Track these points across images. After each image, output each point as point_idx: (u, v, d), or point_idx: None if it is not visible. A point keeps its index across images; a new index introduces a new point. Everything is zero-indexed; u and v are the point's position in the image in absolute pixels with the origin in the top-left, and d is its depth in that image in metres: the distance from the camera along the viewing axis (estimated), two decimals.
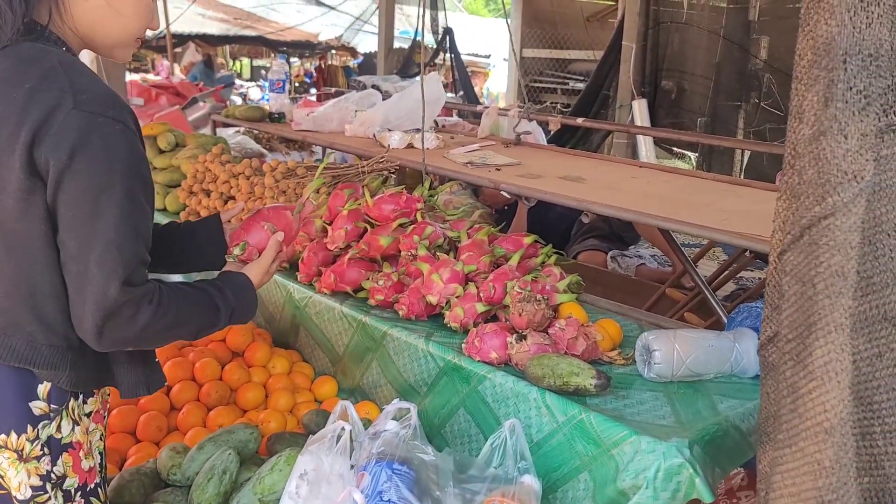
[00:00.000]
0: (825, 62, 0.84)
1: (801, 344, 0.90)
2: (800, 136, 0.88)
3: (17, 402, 1.13)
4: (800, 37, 0.89)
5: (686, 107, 5.96)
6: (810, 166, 0.87)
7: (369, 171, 2.32)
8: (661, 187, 2.42)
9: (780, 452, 0.93)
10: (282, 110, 3.63)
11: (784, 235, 0.94)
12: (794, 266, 0.92)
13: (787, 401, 0.92)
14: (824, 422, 0.86)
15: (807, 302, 0.89)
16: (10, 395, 1.13)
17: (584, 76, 7.68)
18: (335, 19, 10.46)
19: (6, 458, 1.15)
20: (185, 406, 1.90)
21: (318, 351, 2.11)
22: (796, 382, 0.90)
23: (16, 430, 1.14)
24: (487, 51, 12.23)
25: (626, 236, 3.88)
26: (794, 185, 0.91)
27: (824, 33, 0.83)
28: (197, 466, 1.57)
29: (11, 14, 1.05)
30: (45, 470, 1.16)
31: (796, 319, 0.91)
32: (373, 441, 1.41)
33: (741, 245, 1.99)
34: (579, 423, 1.44)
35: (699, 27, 5.76)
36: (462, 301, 1.77)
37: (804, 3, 0.87)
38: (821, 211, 0.87)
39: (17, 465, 1.14)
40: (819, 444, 0.86)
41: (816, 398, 0.87)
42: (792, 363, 0.92)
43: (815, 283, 0.88)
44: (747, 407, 1.49)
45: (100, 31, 1.15)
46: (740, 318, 1.86)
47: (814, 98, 0.86)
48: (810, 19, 0.85)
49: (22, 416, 1.14)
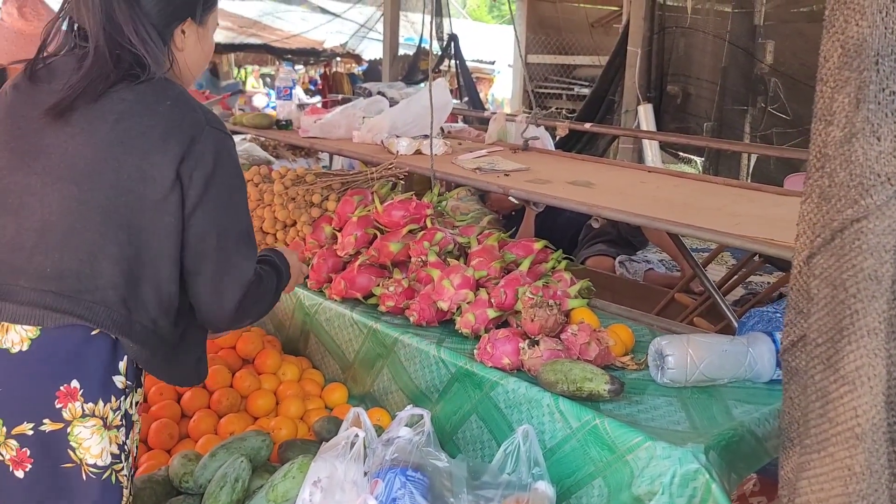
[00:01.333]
0: (856, 63, 0.83)
1: (832, 348, 0.88)
2: (830, 139, 0.87)
3: (105, 375, 1.24)
4: (825, 38, 0.88)
5: (692, 111, 5.96)
6: (842, 169, 0.86)
7: (378, 177, 2.32)
8: (671, 192, 2.41)
9: (808, 457, 0.91)
10: (289, 117, 3.63)
11: (813, 238, 0.93)
12: (825, 269, 0.91)
13: (816, 405, 0.91)
14: (855, 427, 0.85)
15: (838, 306, 0.88)
16: (101, 367, 1.23)
17: (589, 82, 7.69)
18: (340, 27, 10.48)
19: (91, 426, 1.22)
20: (196, 413, 1.90)
21: (328, 358, 2.10)
22: (827, 387, 0.89)
23: (103, 399, 1.23)
24: (492, 57, 12.24)
25: (634, 240, 3.87)
26: (825, 187, 0.89)
27: (855, 34, 0.82)
28: (209, 474, 1.56)
29: (159, 58, 1.30)
30: (122, 440, 1.27)
31: (826, 323, 0.90)
32: (386, 448, 1.41)
33: (754, 249, 1.98)
34: (593, 429, 1.44)
35: (704, 32, 5.76)
36: (473, 307, 1.77)
37: (829, 4, 0.86)
38: (853, 214, 0.86)
39: (101, 431, 1.23)
40: (850, 450, 0.85)
41: (847, 403, 0.86)
42: (822, 367, 0.90)
43: (846, 287, 0.87)
44: (763, 412, 1.49)
45: (195, 70, 1.41)
46: (752, 322, 1.85)
47: (844, 100, 0.85)
48: (837, 20, 0.84)
49: (109, 387, 1.24)
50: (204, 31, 1.38)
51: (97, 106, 1.23)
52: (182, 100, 1.29)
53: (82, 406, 1.21)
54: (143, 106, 1.25)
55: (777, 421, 1.49)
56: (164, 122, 1.24)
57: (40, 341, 1.20)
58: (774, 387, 1.59)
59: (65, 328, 1.21)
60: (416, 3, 8.63)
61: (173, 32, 1.32)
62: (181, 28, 1.33)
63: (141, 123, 1.24)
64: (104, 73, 1.23)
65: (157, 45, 1.28)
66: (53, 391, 1.20)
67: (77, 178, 1.22)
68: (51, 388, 1.20)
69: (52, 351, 1.21)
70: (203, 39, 1.39)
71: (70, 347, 1.21)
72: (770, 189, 2.52)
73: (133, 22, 1.25)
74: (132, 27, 1.24)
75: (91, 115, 1.23)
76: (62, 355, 1.21)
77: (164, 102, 1.27)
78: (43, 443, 1.20)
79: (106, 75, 1.23)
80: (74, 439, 1.21)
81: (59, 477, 1.21)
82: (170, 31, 1.31)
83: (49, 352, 1.21)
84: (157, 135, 1.23)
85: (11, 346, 1.20)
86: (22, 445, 1.19)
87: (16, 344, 1.20)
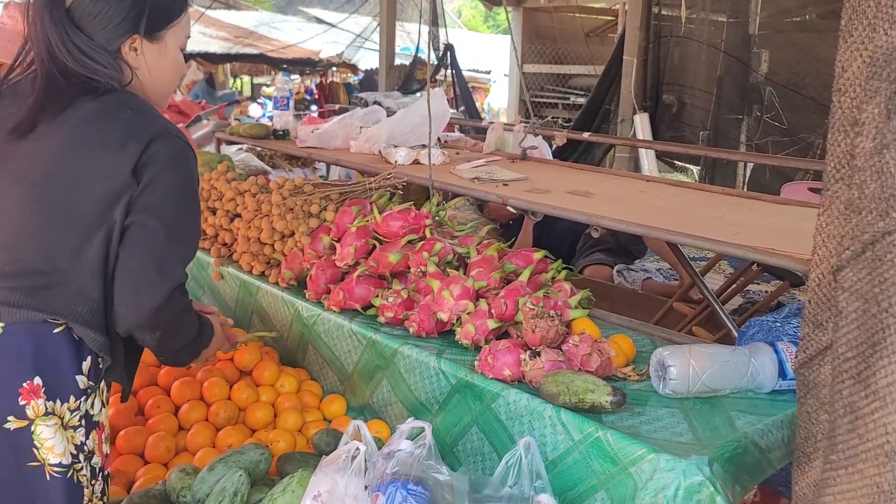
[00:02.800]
0: (886, 73, 0.81)
1: (864, 363, 0.87)
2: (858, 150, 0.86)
3: (66, 373, 1.27)
4: (842, 48, 0.86)
5: (687, 120, 5.97)
6: (872, 180, 0.84)
7: (377, 187, 2.31)
8: (670, 201, 2.41)
9: (834, 473, 0.90)
10: (286, 127, 3.62)
11: (840, 251, 0.91)
12: (854, 283, 0.89)
13: (844, 420, 0.89)
14: (885, 444, 0.83)
15: (870, 320, 0.86)
16: (63, 365, 1.27)
17: (585, 91, 7.69)
18: (336, 37, 10.50)
19: (52, 425, 1.24)
20: (194, 426, 1.88)
21: (326, 369, 2.09)
22: (856, 402, 0.87)
23: (61, 398, 1.26)
24: (488, 66, 12.27)
25: (633, 249, 3.87)
26: (853, 199, 0.88)
27: (884, 44, 0.80)
28: (207, 488, 1.54)
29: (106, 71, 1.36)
30: (80, 441, 1.29)
31: (857, 337, 0.88)
32: (387, 461, 1.39)
33: (756, 259, 1.97)
34: (596, 441, 1.42)
35: (699, 41, 5.77)
36: (473, 318, 1.75)
37: (845, 14, 0.85)
38: (885, 226, 0.84)
39: (60, 430, 1.25)
40: (879, 467, 0.83)
41: (878, 419, 0.84)
42: (851, 382, 0.89)
43: (878, 301, 0.85)
44: (766, 423, 1.48)
45: (162, 85, 1.47)
46: (752, 331, 1.84)
47: (874, 110, 0.84)
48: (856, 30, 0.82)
49: (69, 386, 1.27)
50: (161, 46, 1.43)
51: (61, 115, 1.31)
52: (144, 110, 1.37)
53: (45, 403, 1.24)
54: (103, 113, 1.33)
55: (781, 432, 1.48)
56: (123, 128, 1.32)
57: (3, 338, 1.24)
58: (777, 397, 1.58)
59: (28, 325, 1.25)
60: (411, 13, 8.65)
61: (119, 48, 1.38)
62: (129, 45, 1.39)
63: (101, 128, 1.31)
64: (57, 89, 1.31)
65: (103, 60, 1.35)
66: (17, 388, 1.22)
67: (35, 178, 1.29)
68: (14, 384, 1.23)
69: (15, 347, 1.24)
70: (163, 55, 1.44)
71: (33, 344, 1.26)
72: (768, 198, 2.52)
73: (67, 41, 1.32)
74: (66, 47, 1.32)
75: (55, 122, 1.31)
76: (25, 351, 1.24)
77: (125, 111, 1.34)
78: (9, 441, 1.22)
79: (59, 90, 1.31)
80: (38, 438, 1.23)
81: (24, 475, 1.23)
82: (115, 47, 1.38)
83: (12, 348, 1.24)
84: (116, 139, 1.30)
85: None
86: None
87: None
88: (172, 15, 1.44)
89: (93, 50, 1.34)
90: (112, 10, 1.36)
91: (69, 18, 1.34)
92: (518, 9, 8.27)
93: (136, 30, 1.39)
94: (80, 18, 1.35)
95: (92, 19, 1.35)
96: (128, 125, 1.32)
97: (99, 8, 1.35)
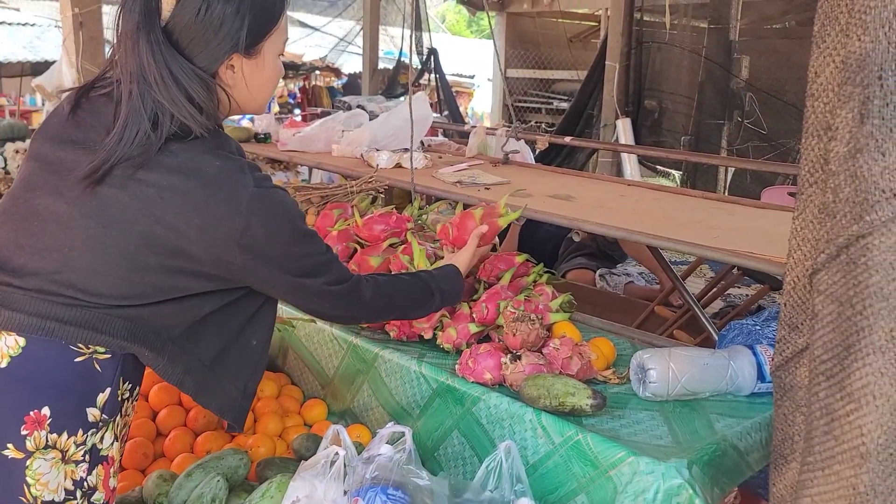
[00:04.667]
0: (859, 78, 0.82)
1: (839, 365, 0.88)
2: (833, 154, 0.86)
3: (78, 405, 1.18)
4: (815, 54, 0.87)
5: (668, 126, 6.01)
6: (846, 184, 0.85)
7: (358, 190, 2.30)
8: (651, 205, 2.42)
9: (811, 475, 0.90)
10: (267, 130, 3.61)
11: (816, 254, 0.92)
12: (830, 286, 0.90)
13: (820, 422, 0.90)
14: (860, 446, 0.83)
15: (844, 322, 0.87)
16: (76, 397, 1.18)
17: (568, 96, 7.74)
18: (319, 40, 10.47)
19: (50, 459, 1.16)
20: (172, 432, 1.85)
21: (307, 374, 2.07)
22: (832, 404, 0.88)
23: (69, 431, 1.17)
24: (471, 71, 12.30)
25: (614, 254, 3.89)
26: (828, 203, 0.88)
27: (857, 49, 0.81)
28: (185, 494, 1.52)
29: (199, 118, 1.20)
30: (80, 476, 1.19)
31: (832, 340, 0.89)
32: (367, 466, 1.38)
33: (736, 263, 1.99)
34: (576, 444, 1.42)
35: (681, 47, 5.83)
36: (454, 321, 1.75)
37: (818, 21, 0.86)
38: (858, 230, 0.85)
39: (59, 465, 1.16)
40: (855, 469, 0.84)
41: (853, 421, 0.85)
42: (827, 384, 0.89)
43: (853, 304, 0.86)
44: (744, 425, 1.48)
45: (259, 97, 1.33)
46: (731, 335, 1.85)
47: (848, 115, 0.84)
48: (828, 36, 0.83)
49: (78, 418, 1.18)
50: (258, 60, 1.27)
51: (143, 167, 1.17)
52: (230, 161, 1.22)
53: (47, 436, 1.15)
54: (192, 165, 1.18)
55: (759, 434, 1.49)
56: (210, 187, 1.18)
57: (20, 359, 1.15)
58: (756, 400, 1.59)
59: (49, 347, 1.16)
60: (395, 18, 8.66)
61: (217, 72, 1.23)
62: (226, 64, 1.23)
63: (186, 183, 1.17)
64: (140, 141, 1.16)
65: (199, 96, 1.19)
66: (22, 415, 1.14)
67: (107, 220, 1.17)
68: (21, 411, 1.14)
69: (31, 371, 1.15)
70: (261, 68, 1.28)
71: (49, 370, 1.16)
72: (748, 202, 2.54)
73: (165, 73, 1.16)
74: (164, 81, 1.16)
75: (135, 174, 1.17)
76: (39, 377, 1.15)
77: (213, 163, 1.20)
78: (5, 468, 1.14)
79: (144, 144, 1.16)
80: (32, 475, 1.15)
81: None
82: (214, 69, 1.22)
83: (27, 372, 1.15)
84: (200, 198, 1.17)
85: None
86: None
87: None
88: (273, 21, 1.26)
89: (191, 82, 1.18)
90: (217, 27, 1.19)
91: (166, 39, 1.17)
92: (501, 14, 8.31)
93: (236, 48, 1.21)
94: (178, 39, 1.18)
95: (193, 39, 1.18)
96: (215, 184, 1.18)
97: (205, 24, 1.18)
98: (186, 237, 1.17)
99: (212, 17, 1.18)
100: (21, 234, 1.21)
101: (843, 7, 0.81)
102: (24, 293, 1.17)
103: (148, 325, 1.21)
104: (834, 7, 0.82)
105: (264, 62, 1.28)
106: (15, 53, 9.18)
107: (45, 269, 1.18)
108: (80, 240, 1.17)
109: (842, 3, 0.81)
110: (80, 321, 1.16)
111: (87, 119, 1.23)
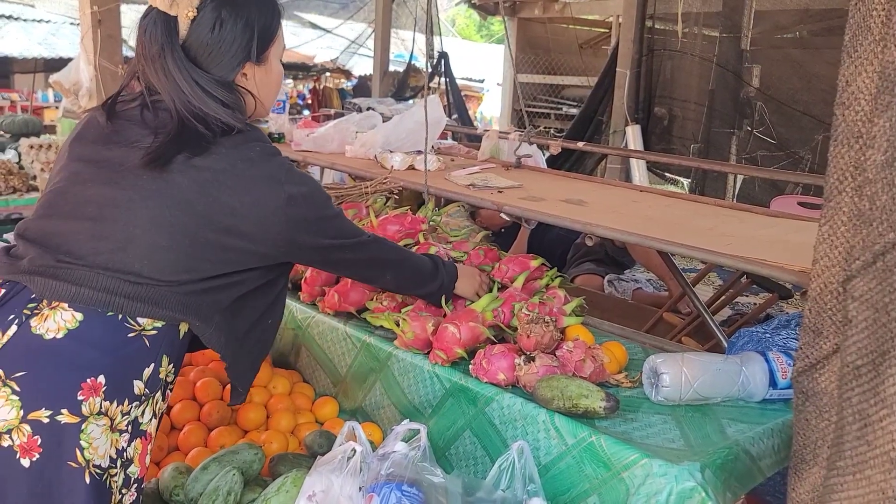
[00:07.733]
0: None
1: (874, 371, 0.88)
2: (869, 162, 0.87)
3: (127, 376, 1.26)
4: (846, 63, 0.88)
5: (678, 133, 6.01)
6: (883, 192, 0.86)
7: (373, 191, 2.32)
8: (663, 211, 2.43)
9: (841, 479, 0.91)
10: (281, 130, 3.63)
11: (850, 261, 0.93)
12: (865, 292, 0.90)
13: (853, 427, 0.90)
14: (892, 451, 0.84)
15: (880, 329, 0.87)
16: (127, 368, 1.26)
17: (577, 102, 7.75)
18: (331, 42, 10.52)
19: (101, 425, 1.22)
20: (186, 426, 1.87)
21: (319, 371, 2.09)
22: (866, 409, 0.88)
23: (118, 400, 1.24)
24: (481, 75, 12.32)
25: (622, 260, 3.89)
26: (864, 210, 0.89)
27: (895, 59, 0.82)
28: (201, 487, 1.54)
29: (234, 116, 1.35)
30: (122, 446, 1.26)
31: (867, 346, 0.89)
32: (382, 462, 1.40)
33: (747, 270, 1.99)
34: (589, 446, 1.44)
35: (692, 55, 5.83)
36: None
37: (849, 30, 0.87)
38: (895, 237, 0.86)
39: (107, 432, 1.23)
40: (885, 474, 0.84)
41: (886, 426, 0.85)
42: (860, 389, 0.90)
43: (889, 311, 0.86)
44: (756, 431, 1.49)
45: (266, 101, 1.47)
46: (741, 342, 1.86)
47: (885, 124, 0.85)
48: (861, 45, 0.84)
49: (126, 389, 1.26)
50: (266, 66, 1.42)
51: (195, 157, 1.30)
52: (267, 147, 1.37)
53: (101, 402, 1.22)
54: (238, 152, 1.32)
55: (772, 440, 1.50)
56: (256, 168, 1.32)
57: (78, 332, 1.22)
58: (767, 406, 1.60)
59: (107, 322, 1.24)
60: (406, 21, 8.68)
61: (234, 79, 1.37)
62: (241, 73, 1.38)
63: (235, 167, 1.31)
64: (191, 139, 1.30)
65: (227, 99, 1.34)
66: (79, 381, 1.20)
67: (169, 202, 1.28)
68: (77, 377, 1.20)
69: (89, 342, 1.22)
70: (268, 72, 1.44)
71: (106, 343, 1.24)
72: (759, 210, 2.55)
73: (194, 86, 1.31)
74: (195, 94, 1.31)
75: (190, 162, 1.30)
76: (97, 348, 1.23)
77: (254, 148, 1.34)
78: (55, 434, 1.18)
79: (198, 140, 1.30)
80: (86, 438, 1.20)
81: (62, 474, 1.18)
82: (231, 78, 1.37)
83: (86, 343, 1.22)
84: (249, 177, 1.31)
85: (46, 333, 1.21)
86: (34, 432, 1.17)
87: (51, 331, 1.21)
88: (275, 28, 1.42)
89: (217, 89, 1.33)
90: (230, 41, 1.34)
91: (186, 56, 1.32)
92: (512, 19, 8.32)
93: (249, 57, 1.37)
94: (196, 55, 1.33)
95: (210, 53, 1.33)
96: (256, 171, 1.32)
97: (219, 40, 1.33)
98: (241, 214, 1.30)
99: (225, 32, 1.33)
100: (75, 222, 1.29)
101: (876, 17, 0.82)
102: (90, 270, 1.25)
103: (200, 298, 1.32)
104: (867, 17, 0.83)
105: (271, 67, 1.44)
106: (30, 49, 9.24)
107: (106, 249, 1.27)
108: (145, 220, 1.27)
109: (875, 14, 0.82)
110: (142, 296, 1.26)
111: (125, 125, 1.35)
